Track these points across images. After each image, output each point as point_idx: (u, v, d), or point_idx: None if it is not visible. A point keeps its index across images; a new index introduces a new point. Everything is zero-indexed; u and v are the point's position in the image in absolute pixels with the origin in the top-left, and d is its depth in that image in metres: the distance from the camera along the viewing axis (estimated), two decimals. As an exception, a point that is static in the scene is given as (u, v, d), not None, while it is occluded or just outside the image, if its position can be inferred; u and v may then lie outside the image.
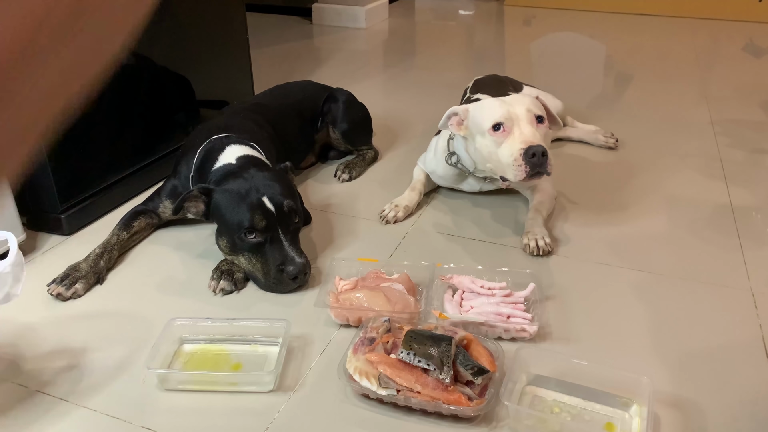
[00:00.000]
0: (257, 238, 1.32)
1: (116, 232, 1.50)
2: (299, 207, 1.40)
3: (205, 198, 1.38)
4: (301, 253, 1.35)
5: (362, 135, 2.00)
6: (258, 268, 1.35)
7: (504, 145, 1.38)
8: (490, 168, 1.47)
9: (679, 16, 3.88)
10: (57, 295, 1.34)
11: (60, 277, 1.37)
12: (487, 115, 1.41)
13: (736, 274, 1.42)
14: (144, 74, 1.75)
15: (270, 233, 1.33)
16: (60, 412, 1.07)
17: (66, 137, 1.55)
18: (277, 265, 1.32)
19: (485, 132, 1.41)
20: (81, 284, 1.36)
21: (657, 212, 1.68)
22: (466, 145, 1.54)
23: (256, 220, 1.31)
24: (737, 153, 2.03)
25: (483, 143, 1.43)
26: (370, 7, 3.71)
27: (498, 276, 1.35)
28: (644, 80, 2.74)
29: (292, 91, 1.92)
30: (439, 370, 1.02)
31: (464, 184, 1.71)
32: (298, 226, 1.39)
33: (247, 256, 1.35)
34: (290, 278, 1.32)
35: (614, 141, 2.05)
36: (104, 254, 1.43)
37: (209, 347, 1.20)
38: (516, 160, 1.35)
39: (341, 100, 1.93)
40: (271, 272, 1.33)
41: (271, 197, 1.34)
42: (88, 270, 1.39)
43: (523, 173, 1.34)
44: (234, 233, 1.34)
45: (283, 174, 1.45)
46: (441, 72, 2.89)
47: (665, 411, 1.06)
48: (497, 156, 1.40)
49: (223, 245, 1.38)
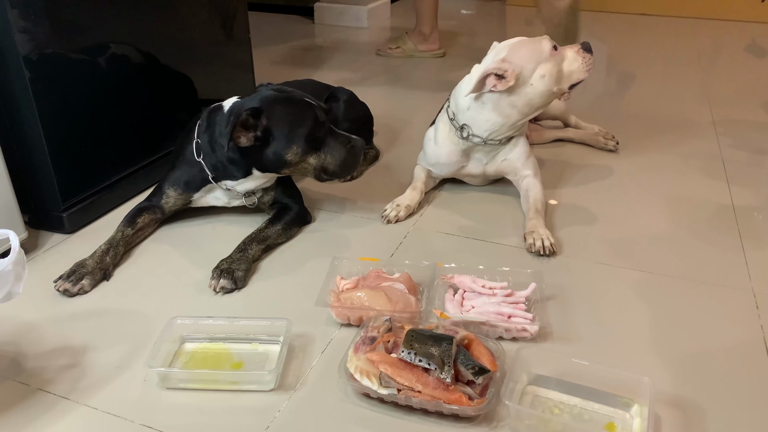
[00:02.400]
0: (320, 132, 1.46)
1: (121, 228, 1.50)
2: None
3: (253, 120, 1.41)
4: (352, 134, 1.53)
5: (363, 134, 1.99)
6: (333, 155, 1.49)
7: (567, 54, 1.57)
8: (557, 89, 1.56)
9: (682, 16, 3.88)
10: (64, 291, 1.34)
11: (67, 273, 1.37)
12: (539, 46, 1.55)
13: (737, 275, 1.42)
14: (146, 72, 1.76)
15: (324, 130, 1.47)
16: (61, 410, 1.07)
17: (68, 135, 1.55)
18: (343, 147, 1.49)
19: (548, 57, 1.54)
20: (87, 280, 1.36)
21: (658, 212, 1.68)
22: (498, 103, 1.56)
23: (320, 115, 1.46)
24: (739, 153, 2.03)
25: (546, 69, 1.53)
26: (372, 6, 3.71)
27: (499, 276, 1.35)
28: (646, 80, 2.74)
29: (294, 87, 1.91)
30: (440, 369, 1.02)
31: (470, 166, 1.72)
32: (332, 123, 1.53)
33: (317, 152, 1.48)
34: (358, 153, 1.51)
35: (614, 143, 2.05)
36: (110, 250, 1.44)
37: (210, 346, 1.20)
38: (584, 57, 1.58)
39: (342, 99, 1.93)
40: (343, 154, 1.49)
41: (309, 97, 1.48)
42: (94, 266, 1.39)
43: (591, 62, 1.58)
44: (303, 136, 1.44)
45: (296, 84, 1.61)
46: (442, 72, 2.89)
47: (666, 411, 1.06)
48: (566, 67, 1.57)
49: (292, 154, 1.45)
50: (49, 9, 1.44)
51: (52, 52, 1.47)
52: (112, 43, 1.62)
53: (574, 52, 1.57)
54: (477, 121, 1.60)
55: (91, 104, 1.59)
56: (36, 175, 1.55)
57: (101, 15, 1.58)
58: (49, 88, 1.47)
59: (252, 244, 1.46)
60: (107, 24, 1.60)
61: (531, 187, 1.67)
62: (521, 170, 1.70)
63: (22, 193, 1.54)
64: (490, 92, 1.54)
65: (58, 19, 1.47)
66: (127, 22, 1.66)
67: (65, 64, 1.50)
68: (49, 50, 1.46)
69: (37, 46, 1.42)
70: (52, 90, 1.48)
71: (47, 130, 1.49)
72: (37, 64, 1.43)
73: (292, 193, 1.62)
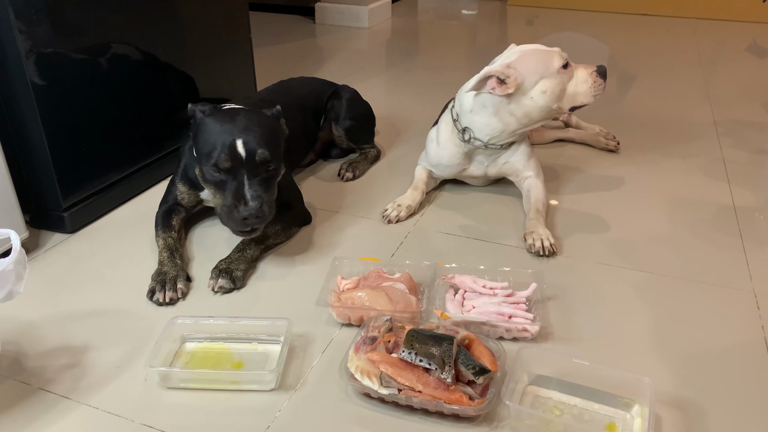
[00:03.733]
0: (221, 175, 1.35)
1: (161, 235, 1.49)
2: (277, 155, 1.38)
3: (191, 118, 1.41)
4: (261, 199, 1.34)
5: (365, 133, 1.99)
6: (217, 201, 1.38)
7: (578, 73, 1.55)
8: (556, 107, 1.54)
9: (683, 16, 3.88)
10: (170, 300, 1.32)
11: (158, 285, 1.34)
12: (548, 61, 1.52)
13: (738, 275, 1.42)
14: (147, 72, 1.76)
15: (234, 175, 1.34)
16: (62, 410, 1.07)
17: (69, 135, 1.55)
18: (231, 203, 1.33)
19: (554, 73, 1.51)
20: (181, 283, 1.35)
21: (659, 212, 1.68)
22: (498, 108, 1.55)
23: (221, 160, 1.32)
24: (740, 154, 2.03)
25: (548, 85, 1.51)
26: (372, 6, 3.71)
27: (500, 276, 1.35)
28: (647, 80, 2.74)
29: (295, 86, 1.91)
30: (441, 369, 1.02)
31: (471, 168, 1.72)
32: (272, 174, 1.38)
33: (211, 187, 1.39)
34: (241, 219, 1.32)
35: (615, 144, 2.05)
36: (174, 254, 1.43)
37: (211, 345, 1.20)
38: (595, 81, 1.55)
39: (345, 97, 1.93)
40: (225, 209, 1.35)
41: (246, 142, 1.33)
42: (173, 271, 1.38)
43: (601, 88, 1.56)
44: (202, 164, 1.37)
45: (272, 120, 1.44)
46: (444, 71, 2.89)
47: (667, 411, 1.06)
48: (571, 87, 1.55)
49: (197, 170, 1.42)
50: (50, 8, 1.44)
51: (53, 51, 1.47)
52: (114, 43, 1.62)
53: (586, 73, 1.55)
54: (478, 125, 1.60)
55: (92, 104, 1.59)
56: (37, 175, 1.55)
57: (102, 15, 1.58)
58: (50, 87, 1.47)
59: (251, 244, 1.46)
60: (108, 24, 1.60)
61: (533, 187, 1.67)
62: (523, 172, 1.70)
63: (23, 193, 1.54)
64: (490, 94, 1.54)
65: (59, 19, 1.47)
66: (129, 21, 1.66)
67: (66, 64, 1.50)
68: (50, 50, 1.46)
69: (38, 46, 1.42)
70: (53, 89, 1.48)
71: (48, 129, 1.49)
72: (38, 64, 1.43)
73: (291, 193, 1.62)
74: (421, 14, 4.06)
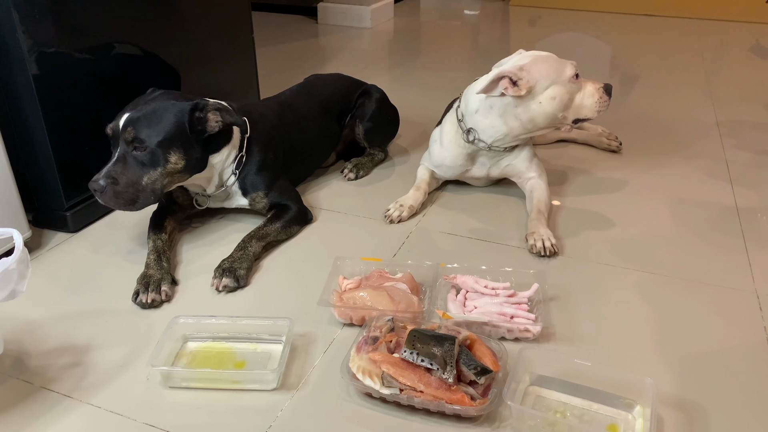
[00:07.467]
0: (111, 143, 1.40)
1: (151, 236, 1.49)
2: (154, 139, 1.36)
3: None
4: (110, 177, 1.34)
5: (385, 136, 1.99)
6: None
7: (587, 88, 1.57)
8: (561, 116, 1.55)
9: (685, 17, 3.88)
10: (151, 301, 1.31)
11: (142, 287, 1.34)
12: (561, 68, 1.53)
13: (740, 276, 1.41)
14: (150, 71, 1.76)
15: (116, 146, 1.39)
16: (64, 409, 1.07)
17: (72, 134, 1.55)
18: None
19: (565, 81, 1.53)
20: (165, 286, 1.35)
21: (661, 213, 1.68)
22: (505, 110, 1.55)
23: (108, 126, 1.40)
24: (743, 154, 2.02)
25: (558, 92, 1.52)
26: (375, 6, 3.71)
27: (501, 276, 1.35)
28: (650, 81, 2.74)
29: (320, 86, 1.90)
30: (442, 369, 1.02)
31: (474, 169, 1.72)
32: (139, 155, 1.37)
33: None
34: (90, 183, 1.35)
35: (617, 144, 2.05)
36: (161, 257, 1.43)
37: (213, 345, 1.20)
38: (601, 96, 1.57)
39: (375, 96, 1.93)
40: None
41: (127, 117, 1.37)
42: (157, 274, 1.38)
43: (605, 105, 1.58)
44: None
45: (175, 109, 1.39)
46: (446, 72, 2.88)
47: (669, 412, 1.06)
48: (578, 99, 1.56)
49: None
50: (54, 8, 1.44)
51: (56, 51, 1.47)
52: (116, 43, 1.63)
53: (594, 88, 1.57)
54: (482, 126, 1.60)
55: (94, 103, 1.59)
56: (40, 174, 1.55)
57: (105, 14, 1.58)
58: (52, 87, 1.47)
59: (252, 242, 1.46)
60: (111, 23, 1.60)
61: (536, 188, 1.67)
62: (526, 173, 1.69)
63: (26, 192, 1.54)
64: (501, 96, 1.53)
65: (62, 19, 1.47)
66: (131, 21, 1.66)
67: (69, 63, 1.51)
68: (53, 49, 1.46)
69: (41, 45, 1.43)
70: (55, 89, 1.48)
71: (51, 129, 1.49)
72: (41, 63, 1.44)
73: (287, 194, 1.62)
74: (424, 14, 4.06)
